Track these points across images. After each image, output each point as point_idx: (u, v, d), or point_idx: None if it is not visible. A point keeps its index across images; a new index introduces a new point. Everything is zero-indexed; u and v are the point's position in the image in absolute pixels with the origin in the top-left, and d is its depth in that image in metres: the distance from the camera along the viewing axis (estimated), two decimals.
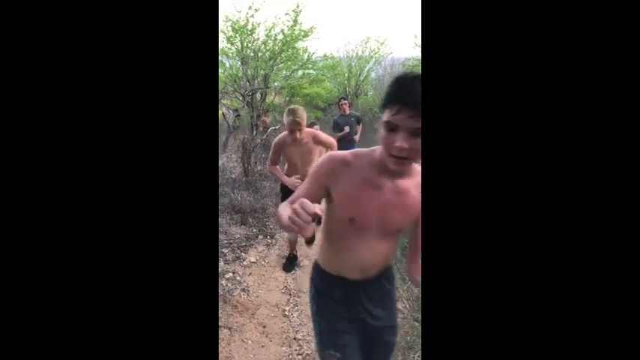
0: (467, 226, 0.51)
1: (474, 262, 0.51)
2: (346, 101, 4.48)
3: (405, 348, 1.71)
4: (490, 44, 0.50)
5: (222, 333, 1.90)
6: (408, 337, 1.73)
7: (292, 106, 2.23)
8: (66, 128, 0.53)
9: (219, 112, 6.78)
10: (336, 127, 4.31)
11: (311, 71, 7.28)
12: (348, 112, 4.44)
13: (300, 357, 1.81)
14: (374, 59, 9.71)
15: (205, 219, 0.57)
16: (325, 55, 8.27)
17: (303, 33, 6.22)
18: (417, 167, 0.87)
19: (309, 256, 2.88)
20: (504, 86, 0.50)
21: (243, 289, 2.36)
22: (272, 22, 6.10)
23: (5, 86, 0.50)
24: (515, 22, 0.50)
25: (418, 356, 1.68)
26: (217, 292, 2.10)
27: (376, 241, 0.91)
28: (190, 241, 0.57)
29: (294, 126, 2.18)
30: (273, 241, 3.13)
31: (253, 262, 2.73)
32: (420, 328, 1.67)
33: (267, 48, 6.21)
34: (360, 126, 4.56)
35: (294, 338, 1.92)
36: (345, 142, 4.18)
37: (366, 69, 9.82)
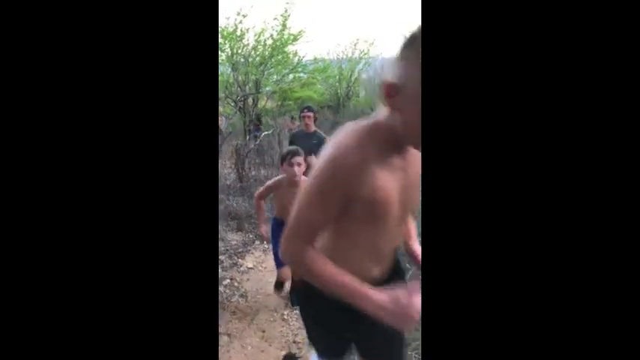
0: (467, 227, 0.51)
1: (474, 262, 0.51)
2: (311, 113, 3.00)
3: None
4: (489, 45, 0.50)
5: (222, 339, 1.91)
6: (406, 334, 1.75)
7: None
8: (65, 134, 0.53)
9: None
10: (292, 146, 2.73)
11: (302, 74, 7.29)
12: (312, 128, 2.97)
13: None
14: (364, 60, 9.75)
15: (205, 226, 0.58)
16: (315, 58, 8.29)
17: (292, 37, 6.24)
18: None
19: None
20: (504, 85, 0.50)
21: (242, 295, 2.36)
22: (261, 27, 6.12)
23: (4, 87, 0.51)
24: (517, 24, 0.50)
25: (417, 353, 1.70)
26: (217, 299, 2.10)
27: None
28: (190, 248, 0.57)
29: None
30: (270, 246, 3.14)
31: (250, 268, 2.74)
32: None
33: (257, 53, 6.23)
34: None
35: (294, 342, 1.93)
36: None
37: (357, 70, 9.85)
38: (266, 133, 5.29)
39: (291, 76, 7.03)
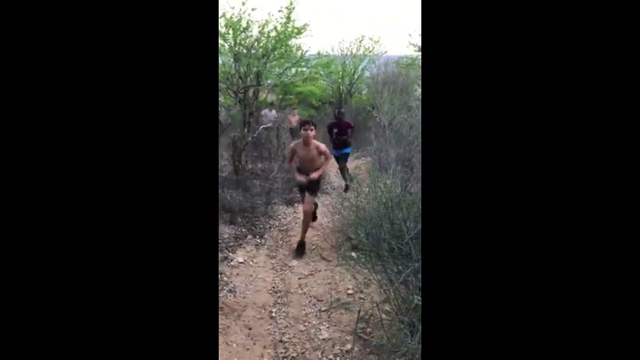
0: (466, 228, 0.51)
1: (474, 263, 0.51)
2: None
3: (391, 351, 1.70)
4: (488, 45, 0.50)
5: None
6: (394, 340, 1.72)
7: None
8: (64, 131, 0.52)
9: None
10: None
11: (304, 69, 7.24)
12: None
13: None
14: (368, 58, 9.69)
15: (205, 220, 0.57)
16: (319, 53, 8.21)
17: (296, 30, 6.18)
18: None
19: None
20: (503, 87, 0.49)
21: (230, 290, 2.33)
22: (265, 18, 6.04)
23: (6, 87, 0.49)
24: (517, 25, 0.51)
25: None
26: (217, 294, 2.07)
27: None
28: (191, 242, 0.57)
29: None
30: (262, 241, 3.10)
31: (241, 263, 2.70)
32: (405, 330, 1.65)
33: (260, 45, 6.16)
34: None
35: (280, 340, 1.90)
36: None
37: (360, 67, 9.80)
38: (264, 126, 5.23)
39: (293, 69, 6.97)
